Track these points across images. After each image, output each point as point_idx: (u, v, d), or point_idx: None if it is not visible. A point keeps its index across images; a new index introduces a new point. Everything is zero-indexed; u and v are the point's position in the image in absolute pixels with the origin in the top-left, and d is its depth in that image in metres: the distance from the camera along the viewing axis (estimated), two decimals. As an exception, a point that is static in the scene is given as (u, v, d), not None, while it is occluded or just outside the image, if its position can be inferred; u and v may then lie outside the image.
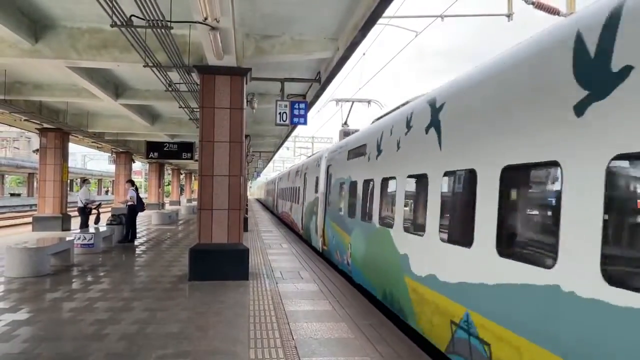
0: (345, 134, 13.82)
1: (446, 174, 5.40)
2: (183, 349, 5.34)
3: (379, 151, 8.12)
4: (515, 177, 4.17)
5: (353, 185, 9.76)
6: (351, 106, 16.54)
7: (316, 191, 14.49)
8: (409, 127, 6.73)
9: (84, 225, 15.97)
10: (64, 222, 18.69)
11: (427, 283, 5.60)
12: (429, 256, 5.68)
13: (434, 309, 5.37)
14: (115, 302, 7.44)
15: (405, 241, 6.50)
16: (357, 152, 9.78)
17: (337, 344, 5.60)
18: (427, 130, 6.00)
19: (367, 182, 8.73)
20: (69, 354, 5.11)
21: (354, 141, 10.27)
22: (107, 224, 15.12)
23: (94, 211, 17.26)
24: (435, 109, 5.88)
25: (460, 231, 5.04)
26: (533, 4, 10.45)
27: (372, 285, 8.05)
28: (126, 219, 15.10)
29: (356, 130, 12.27)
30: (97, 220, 15.90)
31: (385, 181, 7.65)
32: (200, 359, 5.01)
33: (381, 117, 9.24)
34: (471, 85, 5.15)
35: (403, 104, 7.98)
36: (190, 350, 5.27)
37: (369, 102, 16.65)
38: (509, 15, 10.53)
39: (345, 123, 15.93)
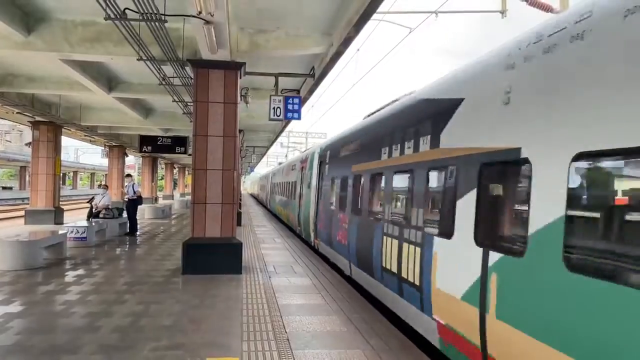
0: (279, 164, 35.93)
1: (287, 182, 21.31)
2: (176, 341, 5.37)
3: (276, 174, 29.34)
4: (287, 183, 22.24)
5: (275, 184, 27.74)
6: (289, 150, 50.24)
7: (269, 186, 33.85)
8: (287, 168, 23.33)
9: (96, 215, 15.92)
10: (57, 215, 18.64)
11: (280, 206, 24.02)
12: (280, 201, 23.94)
13: (282, 213, 22.92)
14: (109, 295, 7.46)
15: (280, 197, 23.93)
16: (276, 173, 29.92)
17: (329, 337, 5.66)
18: (295, 170, 19.41)
19: (278, 183, 26.08)
20: (62, 346, 5.14)
21: (274, 170, 33.38)
22: (100, 218, 15.13)
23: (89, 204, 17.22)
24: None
25: (284, 194, 21.84)
26: (526, 0, 10.51)
27: (276, 213, 26.59)
28: (130, 212, 15.86)
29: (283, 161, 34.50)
30: (96, 215, 15.87)
31: (279, 183, 25.50)
32: (193, 351, 5.05)
33: (282, 162, 34.76)
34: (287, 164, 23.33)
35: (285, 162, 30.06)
36: (183, 343, 5.31)
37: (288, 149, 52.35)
38: (502, 12, 10.62)
39: (286, 156, 43.03)
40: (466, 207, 4.55)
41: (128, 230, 15.74)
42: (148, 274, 9.22)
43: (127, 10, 6.75)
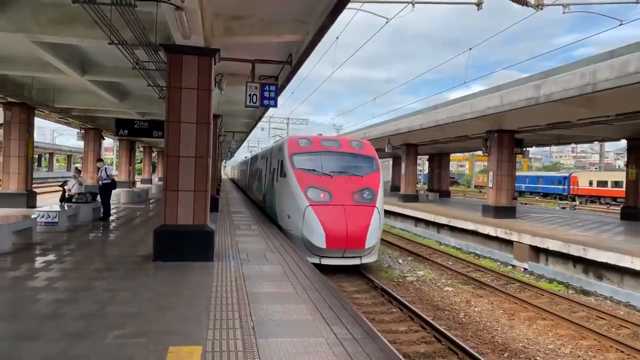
0: (245, 157, 56.24)
1: (243, 169, 44.80)
2: (140, 329, 5.38)
3: (239, 164, 57.20)
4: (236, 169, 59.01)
5: (240, 170, 51.19)
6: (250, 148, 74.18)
7: (237, 171, 56.90)
8: (243, 162, 49.86)
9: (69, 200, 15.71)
10: (29, 198, 18.31)
11: (240, 181, 46.70)
12: (241, 179, 45.94)
13: (240, 184, 45.47)
14: (76, 282, 7.40)
15: (240, 177, 47.46)
16: (240, 164, 57.10)
17: (295, 326, 5.73)
18: (246, 164, 40.90)
19: (240, 169, 50.87)
20: (25, 333, 5.11)
21: (240, 162, 59.63)
22: (73, 202, 14.95)
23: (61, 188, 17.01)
24: (248, 160, 40.42)
25: (242, 175, 44.55)
26: (502, -6, 10.56)
27: (238, 184, 50.91)
28: (103, 197, 15.62)
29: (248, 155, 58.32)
30: (68, 199, 15.66)
31: (240, 169, 50.37)
32: (156, 339, 5.06)
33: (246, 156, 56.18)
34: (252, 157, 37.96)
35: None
36: (148, 331, 5.32)
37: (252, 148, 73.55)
38: (478, 4, 10.67)
39: (251, 151, 64.83)
40: (257, 176, 25.04)
41: (102, 215, 15.58)
42: (119, 261, 9.16)
43: (95, -7, 6.62)
